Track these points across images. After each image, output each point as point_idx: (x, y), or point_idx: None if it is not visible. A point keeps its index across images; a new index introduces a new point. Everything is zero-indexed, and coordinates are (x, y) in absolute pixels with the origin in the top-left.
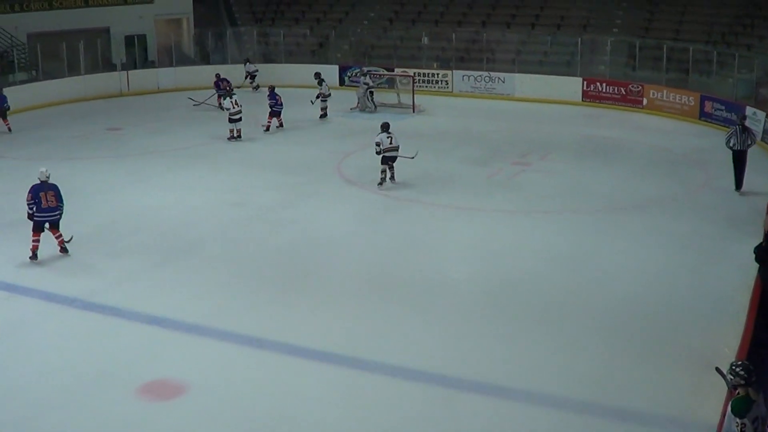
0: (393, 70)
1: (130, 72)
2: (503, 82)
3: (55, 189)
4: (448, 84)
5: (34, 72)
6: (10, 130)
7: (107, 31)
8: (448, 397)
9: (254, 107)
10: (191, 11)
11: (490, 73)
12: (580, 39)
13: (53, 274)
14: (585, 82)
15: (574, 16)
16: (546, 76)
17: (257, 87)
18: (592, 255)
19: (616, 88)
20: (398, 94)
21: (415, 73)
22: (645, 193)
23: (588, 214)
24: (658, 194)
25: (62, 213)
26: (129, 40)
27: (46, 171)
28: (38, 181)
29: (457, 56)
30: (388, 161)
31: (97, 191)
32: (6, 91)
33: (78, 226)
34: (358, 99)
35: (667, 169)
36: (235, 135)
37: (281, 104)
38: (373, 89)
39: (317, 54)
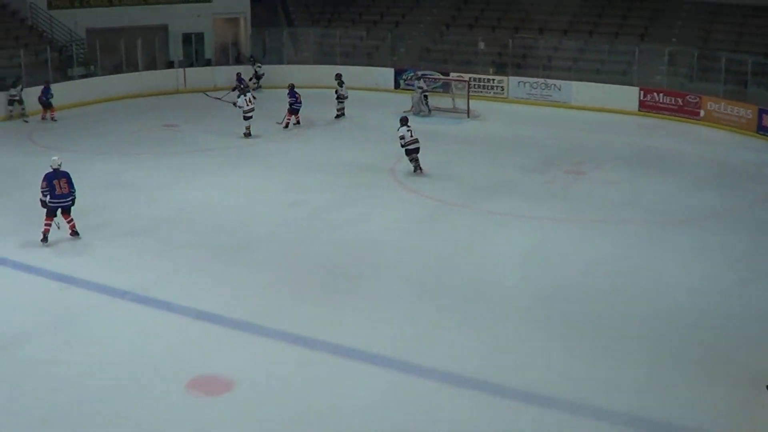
0: (448, 75)
1: (187, 69)
2: (559, 89)
3: (67, 176)
4: (503, 90)
5: (92, 67)
6: (53, 119)
7: (165, 28)
8: (493, 404)
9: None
10: (249, 11)
11: (547, 80)
12: (637, 48)
13: (107, 267)
14: (642, 92)
15: (633, 24)
16: (602, 84)
17: (259, 87)
18: (642, 266)
19: (673, 99)
20: (453, 99)
21: (470, 78)
22: (699, 206)
23: (641, 225)
24: (712, 207)
25: (74, 199)
26: (187, 38)
27: (58, 159)
28: (51, 170)
29: (513, 62)
30: (412, 153)
31: (152, 187)
32: (64, 85)
33: (133, 220)
34: (413, 103)
35: (723, 182)
36: (249, 133)
37: (300, 102)
38: (427, 93)
39: (373, 56)
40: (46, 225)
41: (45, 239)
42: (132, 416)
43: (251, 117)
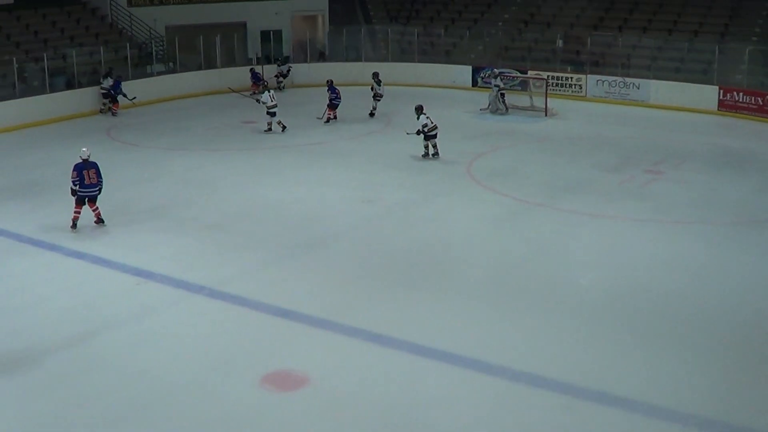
0: (526, 73)
1: (265, 67)
2: (638, 88)
3: (96, 167)
4: (581, 88)
5: (171, 64)
6: (113, 113)
7: (244, 25)
8: (567, 405)
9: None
10: (327, 8)
11: (625, 78)
12: (717, 47)
13: (184, 262)
14: (721, 91)
15: (713, 23)
16: (681, 83)
17: (283, 87)
18: (721, 268)
19: (753, 98)
20: (531, 97)
21: (548, 76)
22: None
23: (719, 225)
24: None
25: (101, 189)
26: (265, 35)
27: (87, 150)
28: (80, 160)
29: (591, 60)
30: (432, 138)
31: (230, 183)
32: (143, 82)
33: (211, 216)
34: (489, 101)
35: None
36: (271, 128)
37: (340, 98)
38: (504, 91)
39: (451, 54)
40: (75, 213)
41: (74, 226)
42: (206, 410)
43: (275, 113)
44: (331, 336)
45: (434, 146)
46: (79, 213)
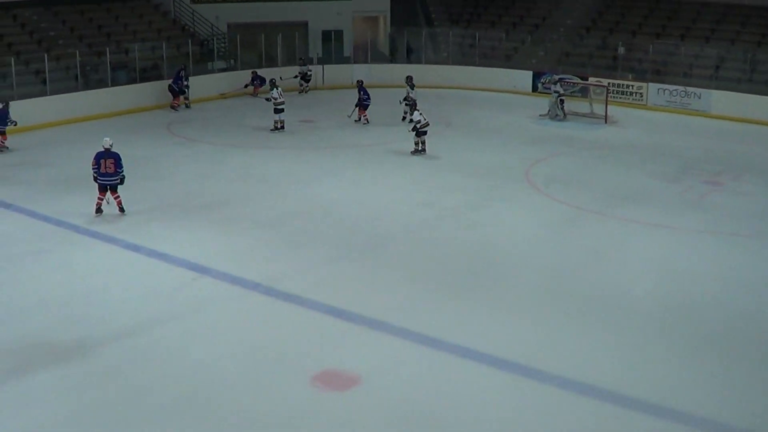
0: (587, 79)
1: (325, 66)
2: (699, 97)
3: (115, 157)
4: (642, 96)
5: (232, 61)
6: (175, 109)
7: (305, 25)
8: (618, 416)
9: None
10: (389, 10)
11: (687, 87)
12: None
13: (240, 258)
14: None
15: None
16: (744, 94)
17: (307, 90)
18: None
19: None
20: (591, 104)
21: (609, 84)
22: None
23: None
24: None
25: (121, 178)
26: (326, 35)
27: (110, 140)
28: (102, 149)
29: (653, 68)
30: (422, 135)
31: (287, 181)
32: (204, 78)
33: (267, 213)
34: (549, 106)
35: None
36: (279, 126)
37: (370, 98)
38: (564, 97)
39: (512, 58)
40: (98, 199)
41: (97, 211)
42: (256, 406)
43: (282, 110)
44: (383, 337)
45: (423, 143)
46: (101, 199)
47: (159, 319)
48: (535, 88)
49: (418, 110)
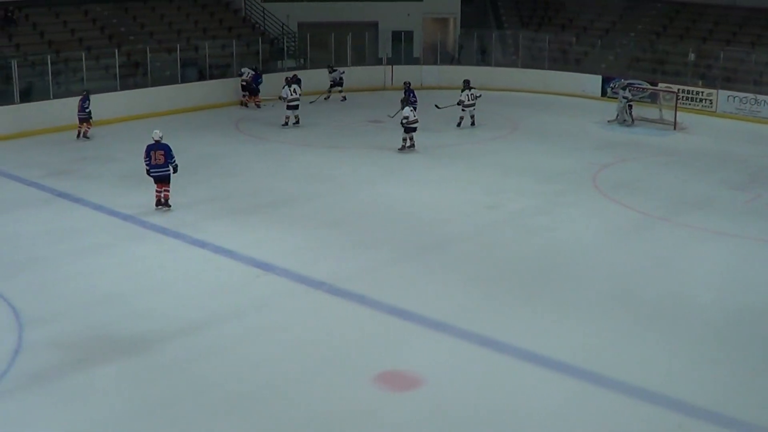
0: (656, 85)
1: (394, 67)
2: None
3: (165, 149)
4: (711, 103)
5: (302, 60)
6: (258, 106)
7: (375, 25)
8: (679, 423)
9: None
10: (459, 11)
11: (757, 95)
12: None
13: (305, 256)
14: None
15: None
16: None
17: (327, 96)
18: None
19: None
20: (660, 110)
21: (678, 90)
22: None
23: None
24: None
25: (171, 170)
26: (396, 36)
27: (159, 132)
28: (153, 141)
29: (723, 75)
30: (410, 131)
31: (354, 180)
32: (274, 76)
33: (333, 212)
34: (617, 111)
35: None
36: (293, 122)
37: (416, 100)
38: (632, 103)
39: (581, 63)
40: (156, 192)
41: (158, 203)
42: (317, 405)
43: (295, 107)
44: (446, 338)
45: (411, 139)
46: (158, 192)
47: (222, 315)
48: (604, 93)
49: (410, 107)
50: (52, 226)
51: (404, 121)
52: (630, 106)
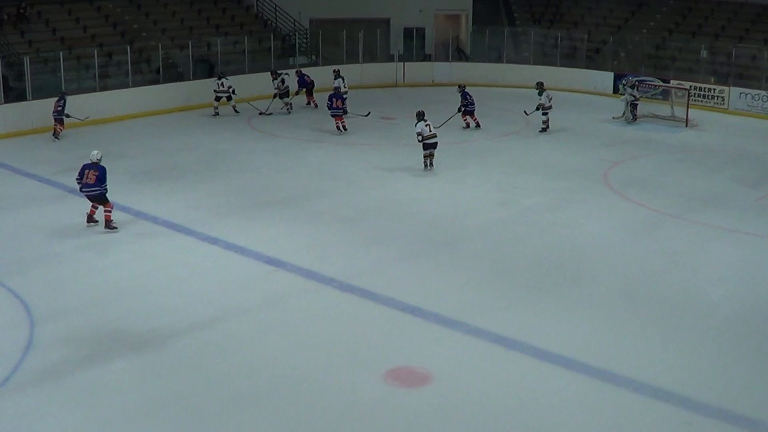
0: (668, 82)
1: (406, 64)
2: None
3: (99, 170)
4: (723, 100)
5: (313, 57)
6: (315, 106)
7: (387, 22)
8: (689, 421)
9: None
10: (470, 8)
11: None
12: None
13: (315, 253)
14: None
15: None
16: None
17: (288, 109)
18: None
19: None
20: (672, 107)
21: (690, 87)
22: None
23: None
24: None
25: (102, 192)
26: (408, 33)
27: (98, 153)
28: (89, 162)
29: (735, 72)
30: (429, 148)
31: (366, 177)
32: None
33: (344, 209)
34: (624, 108)
35: None
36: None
37: (473, 103)
38: (637, 102)
39: (593, 59)
40: (91, 209)
41: (89, 221)
42: (328, 401)
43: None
44: (457, 336)
45: (430, 156)
46: (95, 209)
47: (234, 312)
48: (616, 90)
49: (425, 120)
50: (64, 222)
51: (419, 138)
52: (635, 105)
